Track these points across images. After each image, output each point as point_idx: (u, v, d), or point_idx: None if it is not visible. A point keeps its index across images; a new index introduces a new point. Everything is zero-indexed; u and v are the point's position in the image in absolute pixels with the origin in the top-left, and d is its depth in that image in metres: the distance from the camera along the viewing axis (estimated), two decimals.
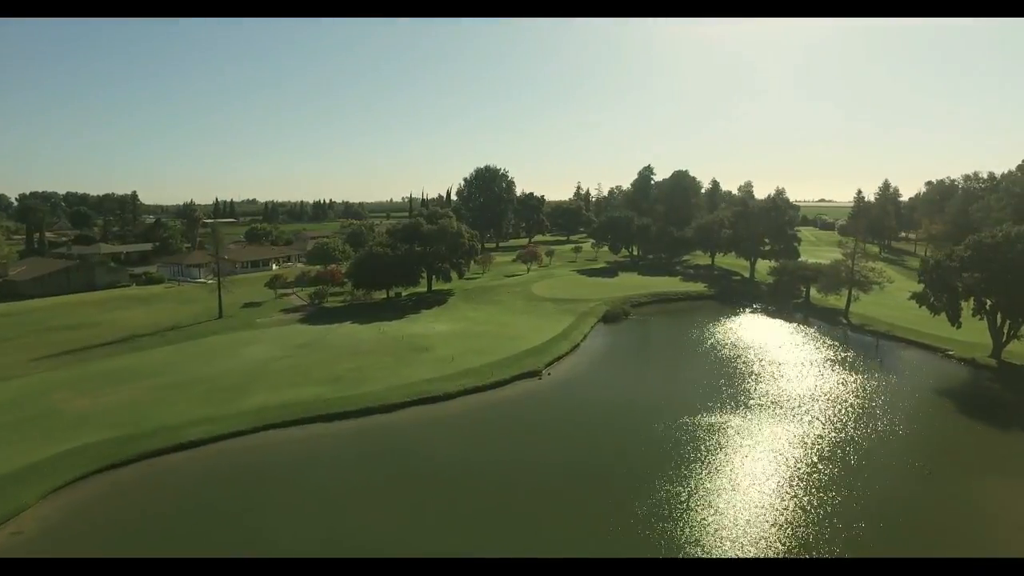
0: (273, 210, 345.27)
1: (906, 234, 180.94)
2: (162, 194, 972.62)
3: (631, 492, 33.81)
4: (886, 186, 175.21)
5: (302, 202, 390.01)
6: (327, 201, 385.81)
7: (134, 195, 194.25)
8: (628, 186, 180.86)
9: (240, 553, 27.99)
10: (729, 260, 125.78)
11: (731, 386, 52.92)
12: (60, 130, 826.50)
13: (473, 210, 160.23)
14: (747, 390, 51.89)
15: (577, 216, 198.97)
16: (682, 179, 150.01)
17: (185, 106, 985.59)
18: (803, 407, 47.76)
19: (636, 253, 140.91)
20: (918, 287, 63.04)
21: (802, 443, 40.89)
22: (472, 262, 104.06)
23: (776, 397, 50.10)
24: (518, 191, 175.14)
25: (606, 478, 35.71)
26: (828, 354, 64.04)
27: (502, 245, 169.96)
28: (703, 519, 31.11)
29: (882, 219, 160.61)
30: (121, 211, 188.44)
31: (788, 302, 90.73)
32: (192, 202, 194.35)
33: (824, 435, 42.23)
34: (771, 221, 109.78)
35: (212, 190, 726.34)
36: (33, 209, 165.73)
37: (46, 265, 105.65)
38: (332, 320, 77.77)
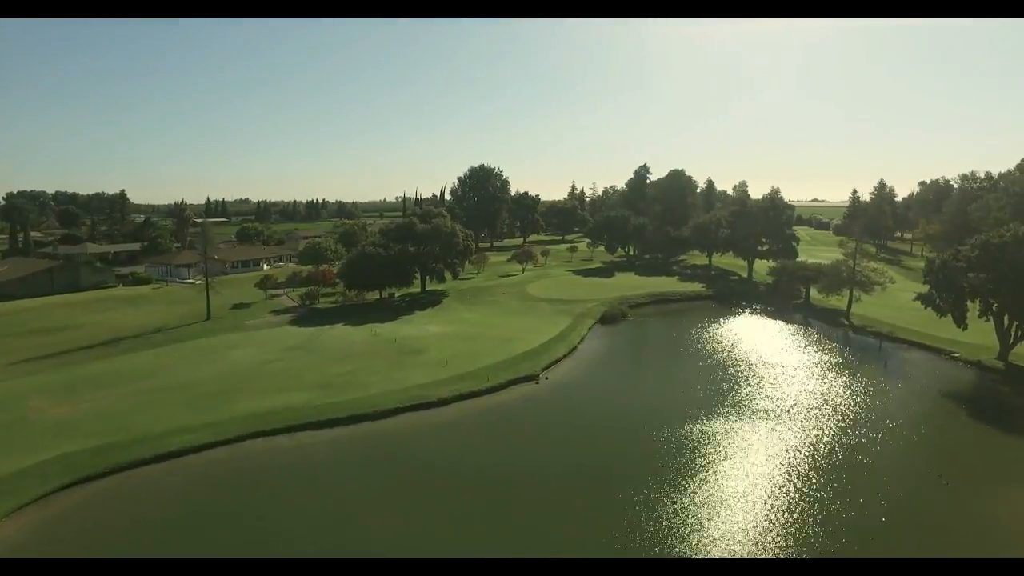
0: (266, 210, 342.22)
1: (901, 234, 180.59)
2: (154, 193, 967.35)
3: (636, 502, 32.17)
4: (882, 186, 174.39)
5: (295, 201, 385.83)
6: (320, 201, 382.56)
7: (123, 194, 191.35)
8: (623, 185, 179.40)
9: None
10: (727, 260, 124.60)
11: (733, 390, 51.42)
12: (52, 129, 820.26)
13: (467, 209, 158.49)
14: (749, 394, 50.41)
15: (572, 215, 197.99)
16: (678, 178, 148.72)
17: (179, 105, 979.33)
18: (807, 412, 46.26)
19: (632, 253, 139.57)
20: (917, 288, 62.03)
21: (807, 449, 39.40)
22: (467, 262, 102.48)
23: (779, 401, 48.59)
24: (512, 190, 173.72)
25: (609, 486, 34.03)
26: (831, 356, 62.69)
27: (497, 245, 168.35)
28: (709, 531, 29.54)
29: (878, 219, 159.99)
30: (110, 210, 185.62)
31: (788, 303, 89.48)
32: (183, 201, 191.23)
33: (829, 440, 40.74)
34: (769, 221, 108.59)
35: (205, 189, 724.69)
36: (17, 208, 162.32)
37: (29, 265, 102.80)
38: (323, 322, 75.82)
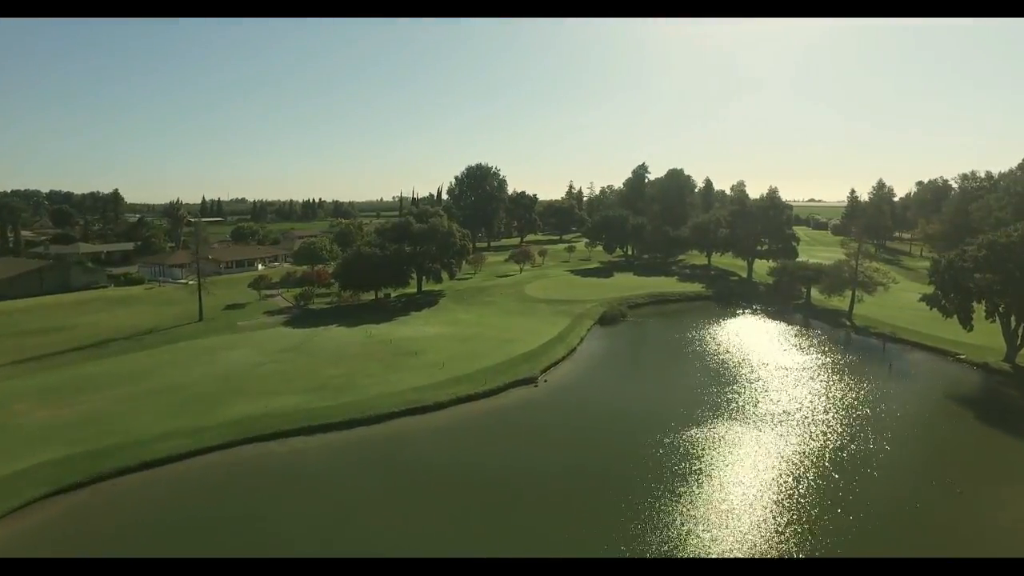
0: (262, 209, 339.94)
1: (900, 234, 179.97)
2: (152, 193, 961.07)
3: (638, 508, 31.04)
4: (880, 185, 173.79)
5: (291, 201, 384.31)
6: (317, 200, 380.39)
7: (116, 193, 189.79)
8: (620, 185, 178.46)
9: None
10: (726, 260, 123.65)
11: (735, 392, 50.35)
12: (49, 128, 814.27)
13: (464, 209, 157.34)
14: (752, 397, 49.34)
15: (570, 215, 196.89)
16: (677, 177, 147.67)
17: (177, 104, 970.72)
18: (811, 415, 45.22)
19: (631, 253, 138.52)
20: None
21: (811, 453, 38.33)
22: (463, 262, 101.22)
23: (783, 404, 47.51)
24: (510, 190, 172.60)
25: (609, 490, 32.91)
26: (833, 358, 61.70)
27: (494, 244, 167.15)
28: (711, 535, 28.44)
29: (877, 219, 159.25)
30: (104, 209, 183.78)
31: (788, 303, 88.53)
32: (178, 200, 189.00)
33: (833, 444, 39.68)
34: (769, 220, 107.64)
35: (204, 189, 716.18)
36: (9, 207, 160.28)
37: (17, 265, 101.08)
38: (318, 323, 74.52)
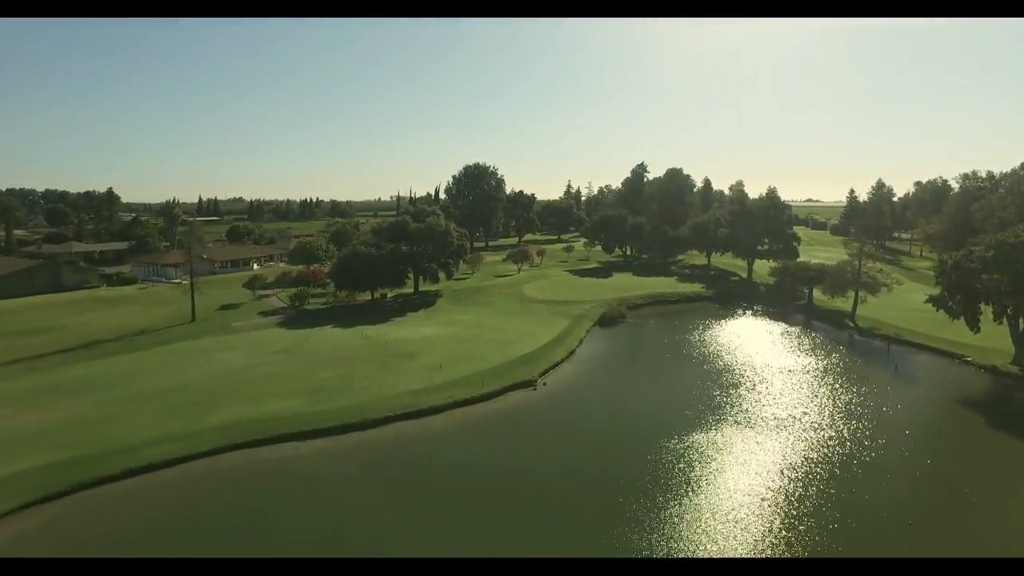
0: (259, 208, 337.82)
1: (899, 234, 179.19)
2: (149, 192, 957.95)
3: (639, 513, 29.94)
4: (880, 185, 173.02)
5: (288, 200, 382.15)
6: (314, 200, 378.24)
7: (111, 192, 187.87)
8: (619, 185, 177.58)
9: None
10: (726, 260, 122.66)
11: (737, 395, 49.29)
12: (46, 127, 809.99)
13: (462, 208, 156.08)
14: (754, 399, 48.27)
15: (568, 215, 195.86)
16: (676, 177, 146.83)
17: (176, 104, 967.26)
18: (816, 418, 44.13)
19: (630, 252, 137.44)
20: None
21: (817, 458, 37.23)
22: (461, 262, 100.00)
23: (786, 407, 46.42)
24: (508, 189, 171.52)
25: (610, 495, 31.79)
26: (838, 360, 60.67)
27: (492, 244, 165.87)
28: (714, 543, 27.32)
29: (877, 219, 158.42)
30: (99, 208, 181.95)
31: (790, 304, 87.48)
32: (174, 199, 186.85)
33: (840, 450, 38.59)
34: (769, 220, 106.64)
35: (201, 188, 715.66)
36: (1, 205, 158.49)
37: (7, 264, 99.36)
38: (313, 323, 73.22)
